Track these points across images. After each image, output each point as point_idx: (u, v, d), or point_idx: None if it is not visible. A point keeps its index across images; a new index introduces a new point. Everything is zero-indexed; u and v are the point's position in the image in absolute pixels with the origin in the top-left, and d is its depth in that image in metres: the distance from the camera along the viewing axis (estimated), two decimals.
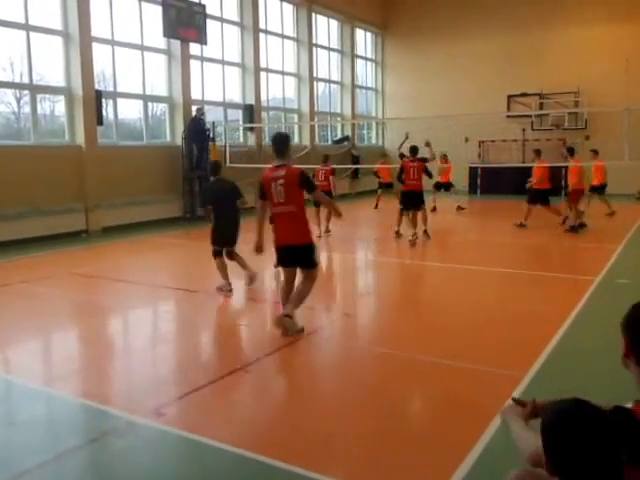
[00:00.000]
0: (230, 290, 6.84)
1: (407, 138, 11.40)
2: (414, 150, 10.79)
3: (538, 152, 12.33)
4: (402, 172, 10.79)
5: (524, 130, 19.80)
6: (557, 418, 1.63)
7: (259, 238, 5.41)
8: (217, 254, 6.91)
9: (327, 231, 11.32)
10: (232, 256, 7.02)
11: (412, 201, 10.61)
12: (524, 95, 19.94)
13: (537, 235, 11.13)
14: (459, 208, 15.15)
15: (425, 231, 10.60)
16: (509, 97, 20.24)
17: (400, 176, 10.96)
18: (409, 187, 10.64)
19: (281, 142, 5.31)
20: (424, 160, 10.87)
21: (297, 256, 5.20)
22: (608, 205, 13.38)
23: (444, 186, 15.47)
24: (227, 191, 6.89)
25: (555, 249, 10.19)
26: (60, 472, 3.18)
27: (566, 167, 13.46)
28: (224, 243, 6.88)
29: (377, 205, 16.09)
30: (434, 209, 14.51)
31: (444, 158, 14.87)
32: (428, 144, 11.24)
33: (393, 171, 14.35)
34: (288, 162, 5.28)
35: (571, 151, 11.96)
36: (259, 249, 5.46)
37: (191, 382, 4.32)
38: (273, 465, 3.11)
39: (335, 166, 15.98)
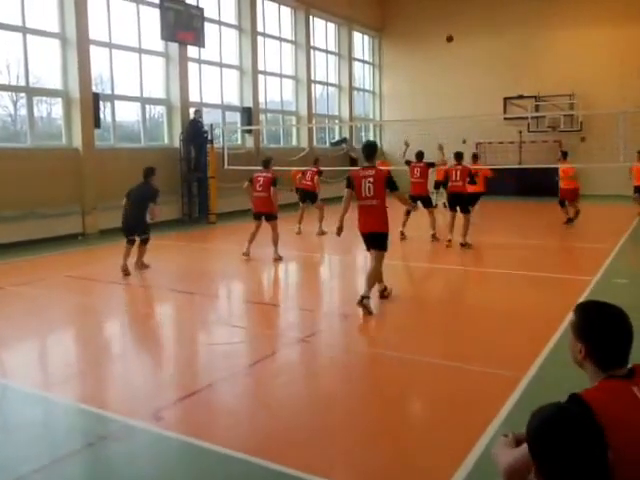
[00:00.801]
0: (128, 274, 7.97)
1: (407, 146, 11.57)
2: (420, 155, 11.16)
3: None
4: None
5: (520, 132, 19.86)
6: (541, 424, 1.69)
7: (340, 222, 6.38)
8: (128, 241, 8.27)
9: (322, 233, 11.62)
10: (140, 245, 8.34)
11: (422, 203, 10.94)
12: (520, 97, 20.00)
13: (534, 236, 11.15)
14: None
15: (434, 234, 10.71)
16: (505, 99, 20.29)
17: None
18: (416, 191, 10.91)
19: (370, 148, 6.42)
20: (431, 165, 11.16)
21: (374, 241, 6.21)
22: None
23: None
24: (143, 193, 8.32)
25: (552, 249, 10.20)
26: (57, 477, 3.16)
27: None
28: (127, 231, 8.30)
29: None
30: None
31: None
32: (441, 148, 11.39)
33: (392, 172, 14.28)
34: (375, 164, 6.37)
35: (564, 154, 12.47)
36: (339, 231, 6.42)
37: (189, 385, 4.31)
38: (273, 468, 3.10)
39: (332, 168, 16.07)
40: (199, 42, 14.75)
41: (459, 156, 10.71)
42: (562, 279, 7.70)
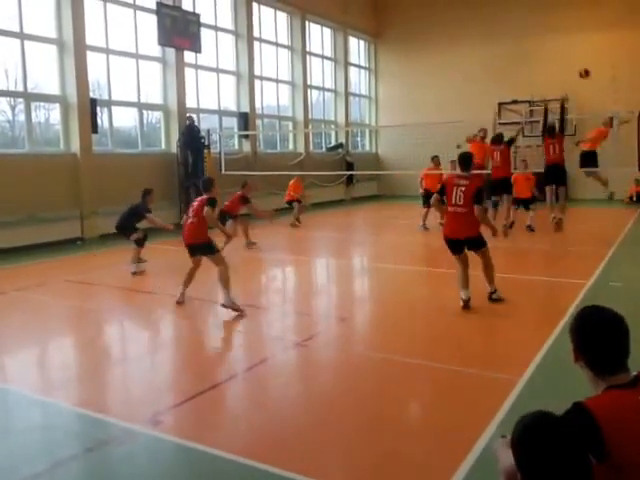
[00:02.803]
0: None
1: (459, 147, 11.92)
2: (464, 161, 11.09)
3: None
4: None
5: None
6: (522, 432, 1.70)
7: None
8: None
9: (251, 244, 11.09)
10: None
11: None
12: (515, 102, 20.11)
13: (528, 239, 11.21)
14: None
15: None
16: (500, 104, 20.39)
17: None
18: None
19: (467, 160, 6.57)
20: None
21: (468, 245, 6.41)
22: None
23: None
24: (137, 207, 9.14)
25: (546, 253, 10.26)
26: None
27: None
28: (117, 229, 9.29)
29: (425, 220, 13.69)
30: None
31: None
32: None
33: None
34: (470, 174, 6.47)
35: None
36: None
37: (188, 390, 4.34)
38: (271, 472, 3.13)
39: (328, 173, 16.30)
40: (196, 47, 14.81)
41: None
42: (557, 282, 7.76)
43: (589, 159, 11.67)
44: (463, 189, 6.25)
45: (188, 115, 14.38)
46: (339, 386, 4.44)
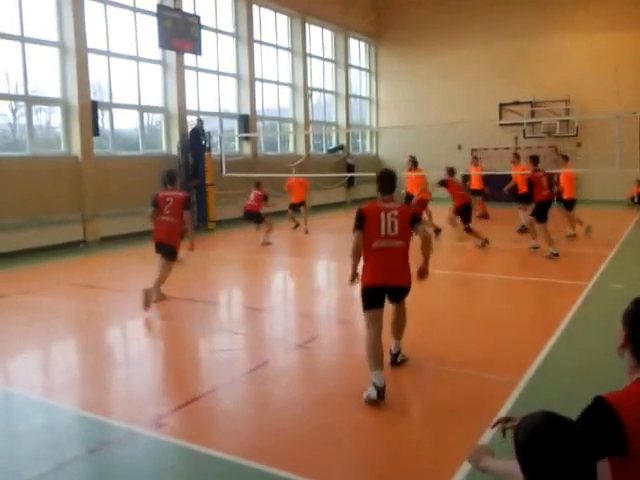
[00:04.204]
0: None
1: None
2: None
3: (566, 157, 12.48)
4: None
5: (516, 138, 19.96)
6: (528, 435, 1.67)
7: (354, 270, 4.56)
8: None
9: (267, 243, 11.51)
10: None
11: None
12: (516, 103, 20.13)
13: (529, 240, 11.20)
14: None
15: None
16: (501, 105, 20.42)
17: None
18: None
19: (389, 178, 4.79)
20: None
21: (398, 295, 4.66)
22: None
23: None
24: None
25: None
26: None
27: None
28: None
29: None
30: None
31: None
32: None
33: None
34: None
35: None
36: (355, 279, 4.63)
37: (190, 392, 4.35)
38: (273, 474, 3.14)
39: (329, 175, 16.35)
40: (196, 50, 14.84)
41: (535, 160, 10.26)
42: (558, 284, 7.76)
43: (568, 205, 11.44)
44: (395, 213, 4.41)
45: (198, 118, 14.45)
46: (341, 388, 4.45)
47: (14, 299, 7.45)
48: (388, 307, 4.50)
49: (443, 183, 10.84)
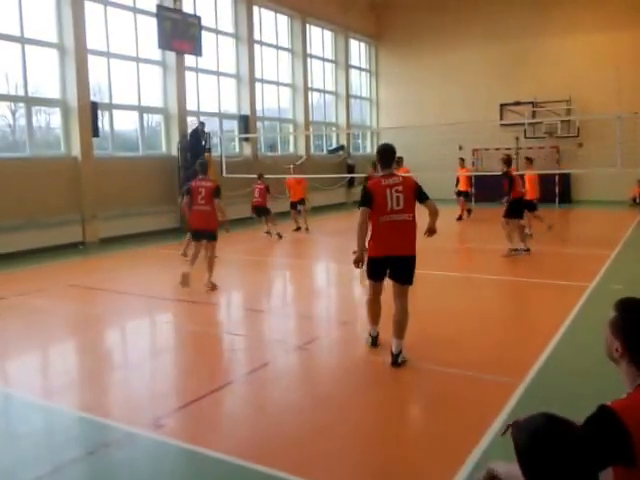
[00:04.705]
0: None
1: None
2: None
3: (530, 160, 12.48)
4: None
5: (517, 138, 19.95)
6: (529, 437, 1.63)
7: (361, 250, 4.78)
8: None
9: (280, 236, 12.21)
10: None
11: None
12: (517, 104, 20.11)
13: (531, 242, 11.18)
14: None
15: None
16: (502, 105, 20.41)
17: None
18: None
19: (388, 152, 4.96)
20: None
21: (403, 268, 4.78)
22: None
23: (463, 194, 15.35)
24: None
25: (549, 256, 10.24)
26: None
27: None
28: None
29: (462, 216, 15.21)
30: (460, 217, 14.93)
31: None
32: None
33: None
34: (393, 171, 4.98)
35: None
36: (360, 262, 4.85)
37: (190, 393, 4.33)
38: (274, 475, 3.12)
39: (329, 175, 16.37)
40: (196, 51, 14.83)
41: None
42: (559, 285, 7.73)
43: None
44: (399, 188, 4.65)
45: (201, 121, 14.46)
46: (340, 390, 4.43)
47: (12, 301, 7.43)
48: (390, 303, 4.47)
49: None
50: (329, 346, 5.56)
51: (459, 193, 15.05)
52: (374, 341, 5.11)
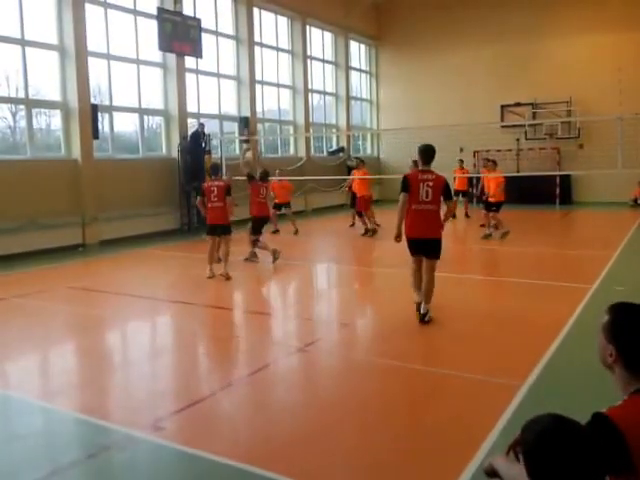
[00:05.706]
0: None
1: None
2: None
3: (494, 162, 12.75)
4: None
5: (518, 140, 19.93)
6: (536, 438, 1.60)
7: (399, 229, 6.08)
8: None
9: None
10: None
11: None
12: (518, 105, 20.10)
13: (533, 243, 11.17)
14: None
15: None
16: (502, 107, 20.40)
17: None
18: None
19: (429, 152, 6.05)
20: None
21: (431, 247, 6.08)
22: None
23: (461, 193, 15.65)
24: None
25: (551, 257, 10.22)
26: None
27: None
28: None
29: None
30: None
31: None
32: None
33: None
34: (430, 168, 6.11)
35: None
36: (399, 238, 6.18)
37: (189, 395, 4.31)
38: (273, 478, 3.10)
39: (330, 177, 16.35)
40: (196, 53, 14.84)
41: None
42: (561, 287, 7.71)
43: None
44: (430, 184, 5.81)
45: (200, 122, 14.46)
46: (341, 391, 4.41)
47: (12, 302, 7.42)
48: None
49: None
50: (330, 348, 5.54)
51: (456, 193, 15.13)
52: (418, 307, 5.93)
